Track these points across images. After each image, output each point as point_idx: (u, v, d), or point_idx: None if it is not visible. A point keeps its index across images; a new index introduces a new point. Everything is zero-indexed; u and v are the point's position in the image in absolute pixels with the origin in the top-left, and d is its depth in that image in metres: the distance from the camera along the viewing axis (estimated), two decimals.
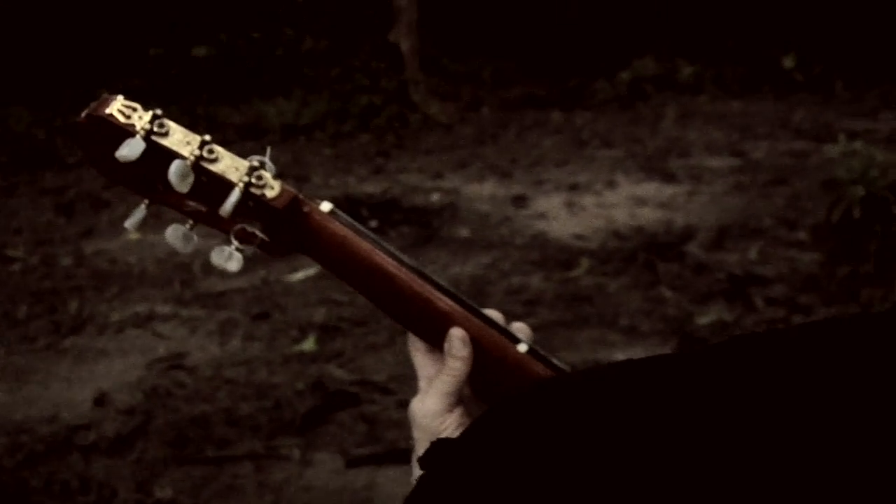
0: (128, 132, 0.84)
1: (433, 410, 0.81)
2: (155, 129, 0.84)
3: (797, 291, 4.23)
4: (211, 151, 0.85)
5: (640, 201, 5.91)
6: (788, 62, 10.43)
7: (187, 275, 5.12)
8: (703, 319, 4.01)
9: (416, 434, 0.82)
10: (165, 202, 0.92)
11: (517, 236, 5.28)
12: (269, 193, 0.85)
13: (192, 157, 0.84)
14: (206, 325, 4.42)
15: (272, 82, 10.37)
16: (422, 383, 0.85)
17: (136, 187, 0.92)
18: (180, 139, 0.85)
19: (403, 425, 3.30)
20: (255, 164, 0.85)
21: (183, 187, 0.84)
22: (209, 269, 5.29)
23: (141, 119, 0.85)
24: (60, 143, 8.34)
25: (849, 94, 9.85)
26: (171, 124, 0.85)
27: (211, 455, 3.19)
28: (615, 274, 4.60)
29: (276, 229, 0.87)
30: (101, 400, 3.68)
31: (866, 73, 10.34)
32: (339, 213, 0.87)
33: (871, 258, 4.34)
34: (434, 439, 0.80)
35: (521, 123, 9.14)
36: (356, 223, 0.87)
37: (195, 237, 0.92)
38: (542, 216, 5.71)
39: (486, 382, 0.84)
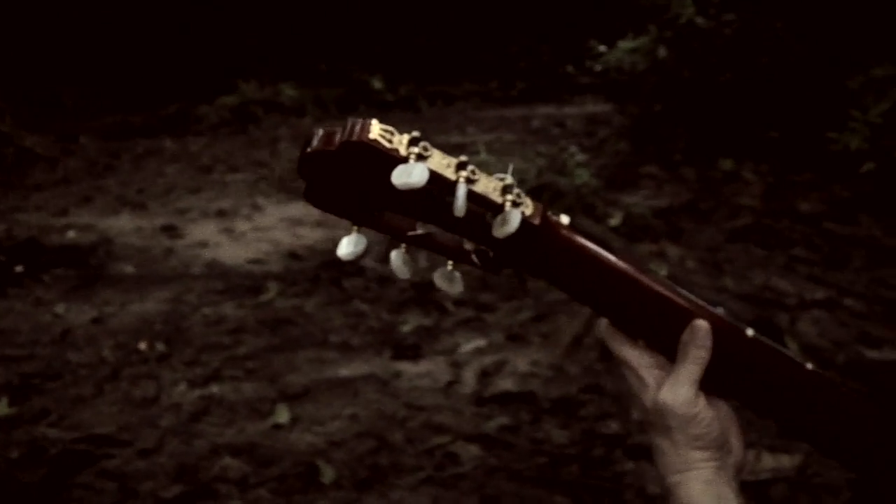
0: (395, 158, 0.81)
1: (687, 398, 0.90)
2: (420, 152, 0.81)
3: (476, 292, 4.66)
4: (474, 172, 0.83)
5: (296, 222, 6.03)
6: (377, 84, 11.19)
7: None
8: (406, 327, 4.26)
9: (672, 422, 0.91)
10: (379, 227, 0.89)
11: (191, 267, 5.13)
12: (527, 211, 0.85)
13: (462, 180, 0.82)
14: None
15: None
16: (642, 372, 0.93)
17: (349, 214, 0.88)
18: (440, 161, 0.83)
19: (156, 474, 3.12)
20: (509, 182, 0.84)
21: (462, 211, 0.82)
22: None
23: (401, 143, 0.82)
24: None
25: (433, 112, 10.82)
26: (430, 147, 0.82)
27: None
28: (306, 294, 4.69)
29: (513, 245, 0.86)
30: None
31: (444, 95, 11.45)
32: (575, 224, 0.90)
33: None
34: (692, 422, 0.91)
35: (133, 152, 8.75)
36: (589, 233, 0.91)
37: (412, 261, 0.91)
38: (203, 245, 5.59)
39: (721, 367, 0.92)
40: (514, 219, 0.84)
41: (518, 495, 2.91)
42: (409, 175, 0.80)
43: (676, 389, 0.91)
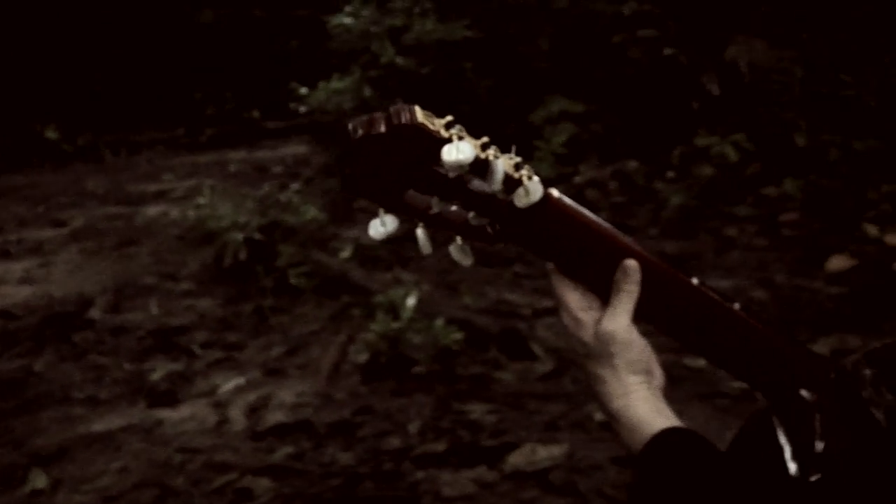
0: (439, 139, 0.86)
1: (626, 324, 1.04)
2: (458, 133, 0.87)
3: (217, 333, 4.55)
4: (497, 151, 0.90)
5: None
6: (52, 133, 10.47)
7: None
8: (156, 375, 4.07)
9: (613, 349, 1.04)
10: (404, 210, 0.94)
11: None
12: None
13: (492, 158, 0.89)
14: None
15: None
16: (579, 314, 1.05)
17: (381, 199, 0.92)
18: (471, 141, 0.89)
19: None
20: (518, 160, 0.93)
21: (500, 185, 0.90)
22: None
23: (441, 126, 0.87)
24: None
25: (120, 162, 10.32)
26: (463, 129, 0.88)
27: None
28: (32, 353, 4.31)
29: (518, 216, 0.94)
30: None
31: (127, 143, 10.96)
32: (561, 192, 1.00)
33: (268, 292, 4.89)
34: (629, 348, 1.04)
35: None
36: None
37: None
38: None
39: (653, 299, 1.04)
40: (536, 190, 0.94)
41: None
42: (459, 152, 0.87)
43: (616, 319, 1.04)
